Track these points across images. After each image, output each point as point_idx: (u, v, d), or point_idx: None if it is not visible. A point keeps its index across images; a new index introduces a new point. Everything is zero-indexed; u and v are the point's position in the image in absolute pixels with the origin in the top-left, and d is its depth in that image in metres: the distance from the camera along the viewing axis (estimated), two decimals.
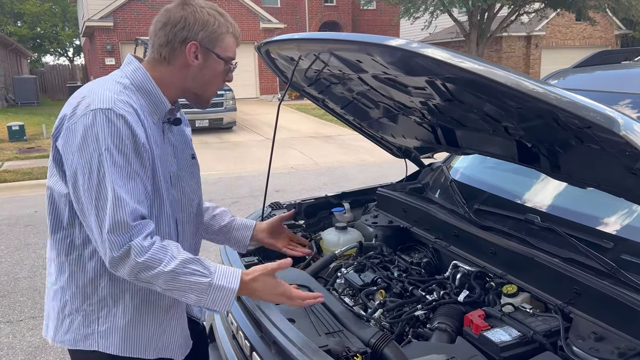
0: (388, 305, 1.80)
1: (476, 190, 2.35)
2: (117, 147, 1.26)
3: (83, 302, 1.40)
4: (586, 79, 2.63)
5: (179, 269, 1.28)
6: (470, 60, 1.15)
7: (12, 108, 19.97)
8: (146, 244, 1.27)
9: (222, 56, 1.43)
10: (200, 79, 1.43)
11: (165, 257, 1.28)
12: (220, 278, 1.32)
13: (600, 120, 1.05)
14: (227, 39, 1.43)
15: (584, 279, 1.57)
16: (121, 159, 1.26)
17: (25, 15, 34.65)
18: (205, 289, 1.30)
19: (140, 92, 1.38)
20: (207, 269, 1.32)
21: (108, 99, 1.29)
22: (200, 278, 1.29)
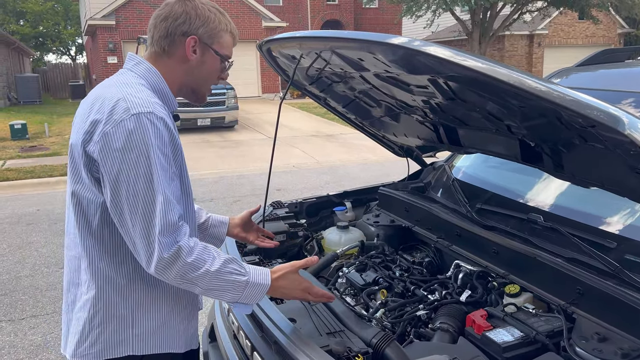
0: (390, 305, 1.79)
1: (478, 189, 2.34)
2: (162, 150, 1.27)
3: (118, 308, 1.38)
4: (589, 77, 2.62)
5: (223, 268, 1.31)
6: (473, 59, 1.14)
7: (14, 107, 20.00)
8: (192, 244, 1.29)
9: (220, 53, 1.44)
10: (197, 74, 1.45)
11: (209, 256, 1.31)
12: (255, 276, 1.37)
13: (604, 119, 1.03)
14: (225, 37, 1.45)
15: (587, 279, 1.56)
16: (165, 161, 1.28)
17: (28, 13, 34.68)
18: (243, 287, 1.34)
19: (156, 92, 1.40)
20: (243, 268, 1.36)
21: (147, 103, 1.29)
22: (239, 277, 1.34)
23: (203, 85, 1.49)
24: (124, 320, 1.38)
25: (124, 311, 1.38)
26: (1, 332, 3.60)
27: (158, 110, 1.29)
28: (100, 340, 1.38)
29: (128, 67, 1.42)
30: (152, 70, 1.41)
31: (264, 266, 1.86)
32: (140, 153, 1.24)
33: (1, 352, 3.35)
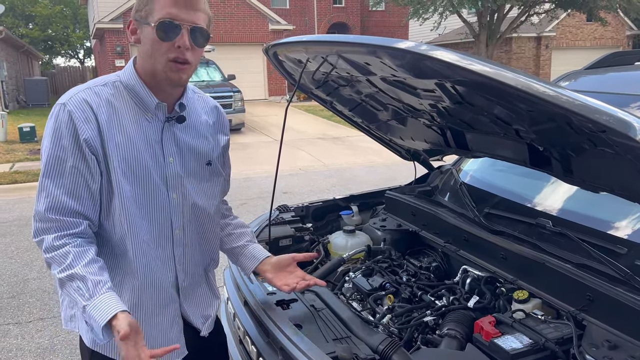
0: (397, 311, 1.78)
1: (486, 193, 2.32)
2: (58, 139, 1.31)
3: None
4: (598, 80, 2.59)
5: (66, 280, 1.26)
6: (480, 63, 1.12)
7: (23, 109, 20.14)
8: (57, 243, 1.29)
9: (150, 20, 1.31)
10: (144, 55, 1.36)
11: (63, 263, 1.27)
12: (94, 308, 1.21)
13: (615, 124, 1.02)
14: (157, 4, 1.31)
15: (597, 285, 1.54)
16: (61, 152, 1.31)
17: (37, 17, 34.96)
18: (82, 309, 1.24)
19: (127, 90, 1.40)
20: (90, 292, 1.23)
21: (68, 95, 1.35)
22: (80, 298, 1.24)
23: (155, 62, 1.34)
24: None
25: None
26: (8, 334, 3.61)
27: (71, 103, 1.32)
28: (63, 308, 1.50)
29: None
30: (128, 67, 1.42)
31: None
32: (44, 141, 1.34)
33: (8, 355, 3.36)
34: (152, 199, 1.42)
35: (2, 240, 5.66)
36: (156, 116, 1.42)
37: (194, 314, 1.57)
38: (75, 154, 1.31)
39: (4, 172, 8.93)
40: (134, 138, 1.38)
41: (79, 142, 1.31)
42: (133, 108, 1.39)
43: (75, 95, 1.34)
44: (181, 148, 1.47)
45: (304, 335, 1.48)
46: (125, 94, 1.39)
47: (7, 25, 29.09)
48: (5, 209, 7.02)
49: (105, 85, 1.39)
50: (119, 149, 1.35)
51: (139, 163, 1.38)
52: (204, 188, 1.54)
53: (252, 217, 5.72)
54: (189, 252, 1.53)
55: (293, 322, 1.56)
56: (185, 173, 1.48)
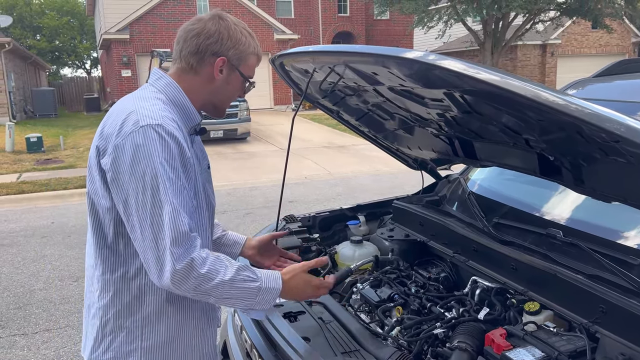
0: (405, 323, 1.75)
1: (495, 203, 2.30)
2: (169, 162, 1.27)
3: (127, 319, 1.39)
4: (607, 88, 2.57)
5: (236, 277, 1.31)
6: (487, 72, 1.11)
7: (30, 120, 20.30)
8: (204, 254, 1.29)
9: (245, 75, 1.47)
10: (221, 93, 1.47)
11: (222, 266, 1.31)
12: (267, 281, 1.37)
13: (629, 134, 1.00)
14: (251, 60, 1.47)
15: (611, 296, 1.51)
16: (173, 173, 1.28)
17: (44, 28, 35.34)
18: (256, 293, 1.34)
19: (175, 107, 1.40)
20: (255, 274, 1.36)
21: (156, 115, 1.30)
22: (251, 283, 1.33)
23: (225, 102, 1.51)
24: (132, 333, 1.39)
25: (132, 324, 1.39)
26: (15, 346, 3.60)
27: (167, 123, 1.30)
28: (112, 349, 1.40)
29: (151, 81, 1.45)
30: (172, 84, 1.42)
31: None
32: (147, 164, 1.25)
33: None
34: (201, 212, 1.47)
35: (9, 250, 5.67)
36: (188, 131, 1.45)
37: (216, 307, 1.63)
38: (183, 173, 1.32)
39: (11, 182, 8.97)
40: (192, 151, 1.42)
41: (185, 161, 1.32)
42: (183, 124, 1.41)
43: (164, 115, 1.32)
44: (198, 157, 1.52)
45: (312, 348, 1.46)
46: (175, 111, 1.40)
47: (15, 36, 29.40)
48: (12, 219, 7.04)
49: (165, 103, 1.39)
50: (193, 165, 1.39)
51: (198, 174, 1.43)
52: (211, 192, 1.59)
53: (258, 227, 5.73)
54: None
55: (301, 335, 1.54)
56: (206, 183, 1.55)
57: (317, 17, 25.83)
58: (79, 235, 6.11)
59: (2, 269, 5.10)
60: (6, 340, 3.68)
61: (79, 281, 4.71)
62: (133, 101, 1.36)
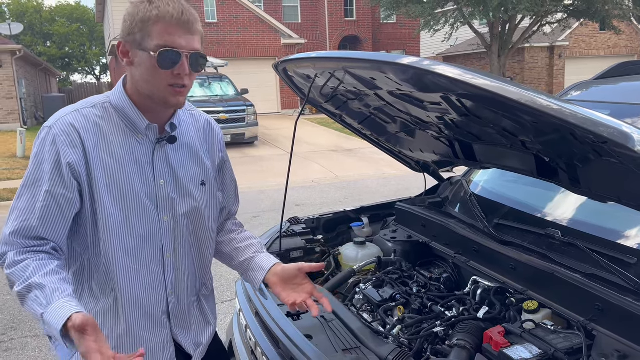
0: (407, 322, 1.79)
1: (496, 204, 2.33)
2: (39, 165, 1.31)
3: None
4: (608, 90, 2.60)
5: (24, 292, 1.22)
6: (482, 77, 1.15)
7: (41, 126, 20.50)
8: (18, 258, 1.27)
9: (148, 47, 1.26)
10: (140, 79, 1.32)
11: (22, 277, 1.23)
12: (51, 315, 1.16)
13: (615, 136, 1.04)
14: (153, 27, 1.26)
15: (607, 295, 1.54)
16: (39, 176, 1.31)
17: (54, 35, 35.77)
18: (41, 319, 1.19)
19: (116, 111, 1.38)
20: (47, 300, 1.18)
21: (55, 118, 1.35)
22: (37, 307, 1.20)
23: (153, 88, 1.32)
24: None
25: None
26: (26, 347, 3.67)
27: (56, 126, 1.32)
28: None
29: None
30: (118, 88, 1.40)
31: None
32: (31, 159, 1.34)
33: None
34: (142, 222, 1.39)
35: None
36: (147, 137, 1.39)
37: (185, 339, 1.54)
38: (53, 179, 1.29)
39: None
40: (122, 160, 1.36)
41: (60, 166, 1.29)
42: (123, 130, 1.37)
43: (62, 119, 1.33)
44: (174, 169, 1.44)
45: (314, 345, 1.50)
46: (114, 116, 1.37)
47: (26, 43, 29.78)
48: None
49: (94, 106, 1.37)
50: (107, 172, 1.34)
51: (128, 185, 1.36)
52: (198, 209, 1.49)
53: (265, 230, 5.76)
54: (180, 276, 1.49)
55: (303, 332, 1.58)
56: (178, 195, 1.44)
57: (324, 22, 25.93)
58: None
59: None
60: (18, 342, 3.75)
61: None
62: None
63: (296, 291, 1.47)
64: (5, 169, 10.91)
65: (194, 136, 1.50)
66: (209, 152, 1.55)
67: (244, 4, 20.36)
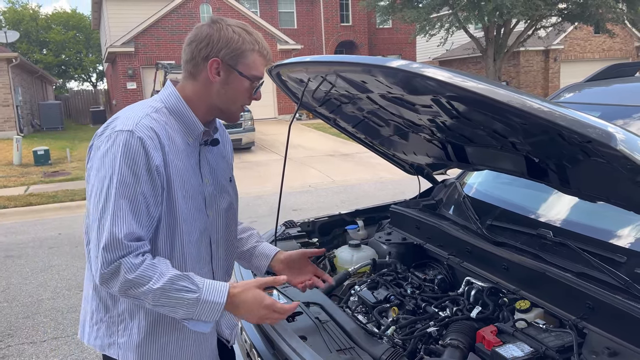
0: (401, 322, 1.80)
1: (489, 206, 2.35)
2: (130, 168, 1.31)
3: (105, 314, 1.47)
4: (600, 92, 2.63)
5: (167, 286, 1.30)
6: (470, 79, 1.17)
7: (37, 133, 20.52)
8: (137, 261, 1.30)
9: (245, 74, 1.44)
10: (223, 96, 1.46)
11: (155, 274, 1.30)
12: (209, 293, 1.33)
13: (598, 135, 1.06)
14: (251, 57, 1.44)
15: (597, 293, 1.56)
16: (132, 179, 1.31)
17: (51, 43, 35.79)
18: (194, 304, 1.31)
19: (173, 115, 1.44)
20: (196, 285, 1.33)
21: (132, 122, 1.35)
22: (187, 294, 1.31)
23: (231, 105, 1.49)
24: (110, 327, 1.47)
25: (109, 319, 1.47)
26: (23, 354, 3.67)
27: (140, 130, 1.33)
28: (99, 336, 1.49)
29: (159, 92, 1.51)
30: (173, 94, 1.46)
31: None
32: (109, 167, 1.31)
33: None
34: (200, 218, 1.50)
35: (17, 261, 5.75)
36: (195, 141, 1.49)
37: (224, 324, 1.64)
38: (145, 181, 1.33)
39: (19, 195, 9.09)
40: (185, 161, 1.45)
41: (150, 169, 1.33)
42: (180, 133, 1.45)
43: (141, 123, 1.35)
44: (213, 168, 1.56)
45: (308, 346, 1.52)
46: (172, 120, 1.44)
47: (22, 51, 29.79)
48: (20, 231, 7.14)
49: (157, 111, 1.42)
50: (178, 173, 1.41)
51: (190, 184, 1.45)
52: (232, 204, 1.64)
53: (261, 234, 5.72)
54: (220, 265, 1.62)
55: (298, 334, 1.59)
56: (218, 192, 1.57)
57: (319, 27, 26.02)
58: None
59: (11, 279, 5.19)
60: (15, 348, 3.75)
61: None
62: (127, 109, 1.44)
63: (302, 274, 1.74)
64: (2, 177, 10.91)
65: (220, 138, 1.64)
66: (228, 149, 1.71)
67: (240, 10, 20.44)
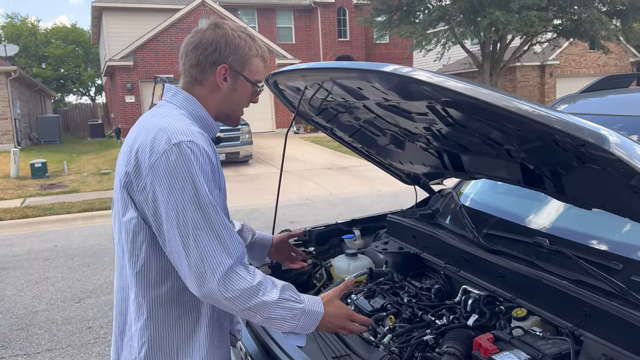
0: (397, 331, 1.80)
1: (486, 215, 2.35)
2: (205, 176, 1.27)
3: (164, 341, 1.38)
4: (594, 103, 2.65)
5: (282, 295, 1.30)
6: (457, 81, 1.18)
7: (35, 146, 20.52)
8: (251, 269, 1.30)
9: (251, 79, 1.46)
10: (230, 101, 1.47)
11: (269, 284, 1.30)
12: (311, 304, 1.35)
13: (590, 137, 1.07)
14: (255, 63, 1.46)
15: (593, 300, 1.56)
16: (207, 187, 1.27)
17: (50, 57, 35.95)
18: (300, 315, 1.31)
19: (196, 120, 1.41)
20: (299, 295, 1.34)
21: (186, 131, 1.30)
22: (295, 304, 1.32)
23: (237, 110, 1.51)
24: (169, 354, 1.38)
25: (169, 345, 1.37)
26: None
27: (198, 139, 1.30)
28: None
29: (167, 98, 1.45)
30: (189, 98, 1.42)
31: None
32: (185, 180, 1.25)
33: None
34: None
35: (13, 273, 5.72)
36: None
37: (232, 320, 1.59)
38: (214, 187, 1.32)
39: (16, 207, 9.06)
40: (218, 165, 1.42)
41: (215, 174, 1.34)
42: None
43: (194, 130, 1.32)
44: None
45: (304, 354, 1.50)
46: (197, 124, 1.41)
47: (21, 65, 29.89)
48: (16, 243, 7.10)
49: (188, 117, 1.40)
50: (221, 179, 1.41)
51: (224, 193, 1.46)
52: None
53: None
54: None
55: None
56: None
57: (317, 42, 26.22)
58: (82, 257, 6.16)
59: (6, 291, 5.15)
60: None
61: (81, 302, 4.74)
62: (158, 119, 1.35)
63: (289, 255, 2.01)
64: None
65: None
66: None
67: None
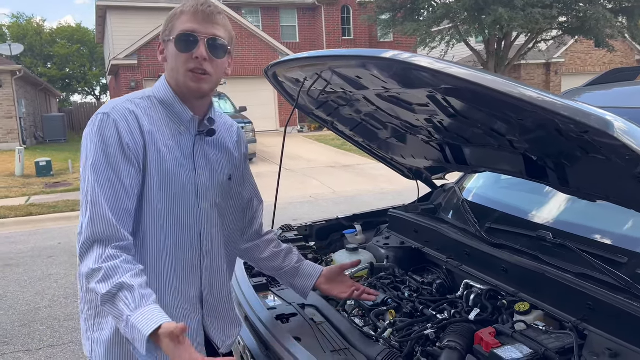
0: (398, 325, 1.77)
1: (488, 209, 2.32)
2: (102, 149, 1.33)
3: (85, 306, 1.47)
4: (599, 96, 2.61)
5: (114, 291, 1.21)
6: (464, 69, 1.15)
7: (40, 145, 20.59)
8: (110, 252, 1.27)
9: (172, 37, 1.40)
10: (169, 71, 1.45)
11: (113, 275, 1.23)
12: (140, 319, 1.16)
13: (595, 123, 1.04)
14: (178, 22, 1.40)
15: (597, 294, 1.53)
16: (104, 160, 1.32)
17: (55, 57, 36.07)
18: (124, 321, 1.18)
19: (162, 105, 1.45)
20: (135, 303, 1.19)
21: (110, 106, 1.39)
22: (125, 308, 1.19)
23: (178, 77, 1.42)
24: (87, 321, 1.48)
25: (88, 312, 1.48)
26: None
27: (115, 112, 1.36)
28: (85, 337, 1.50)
29: None
30: (160, 83, 1.48)
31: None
32: (87, 148, 1.35)
33: None
34: (184, 209, 1.45)
35: (16, 270, 5.73)
36: (188, 130, 1.47)
37: (216, 329, 1.58)
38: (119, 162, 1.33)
39: (20, 205, 9.09)
40: (171, 149, 1.43)
41: (124, 150, 1.34)
42: (168, 122, 1.44)
43: (119, 106, 1.38)
44: (210, 161, 1.53)
45: (302, 347, 1.48)
46: (160, 108, 1.44)
47: (26, 64, 30.00)
48: (19, 240, 7.12)
49: (142, 99, 1.45)
50: (160, 159, 1.40)
51: (176, 173, 1.43)
52: (227, 202, 1.61)
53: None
54: (215, 265, 1.56)
55: (292, 334, 1.56)
56: (213, 185, 1.53)
57: (321, 41, 26.18)
58: None
59: (9, 287, 5.15)
60: (10, 356, 3.70)
61: None
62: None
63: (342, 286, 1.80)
64: (3, 187, 10.92)
65: (224, 134, 1.61)
66: (238, 147, 1.67)
67: (242, 24, 20.59)
